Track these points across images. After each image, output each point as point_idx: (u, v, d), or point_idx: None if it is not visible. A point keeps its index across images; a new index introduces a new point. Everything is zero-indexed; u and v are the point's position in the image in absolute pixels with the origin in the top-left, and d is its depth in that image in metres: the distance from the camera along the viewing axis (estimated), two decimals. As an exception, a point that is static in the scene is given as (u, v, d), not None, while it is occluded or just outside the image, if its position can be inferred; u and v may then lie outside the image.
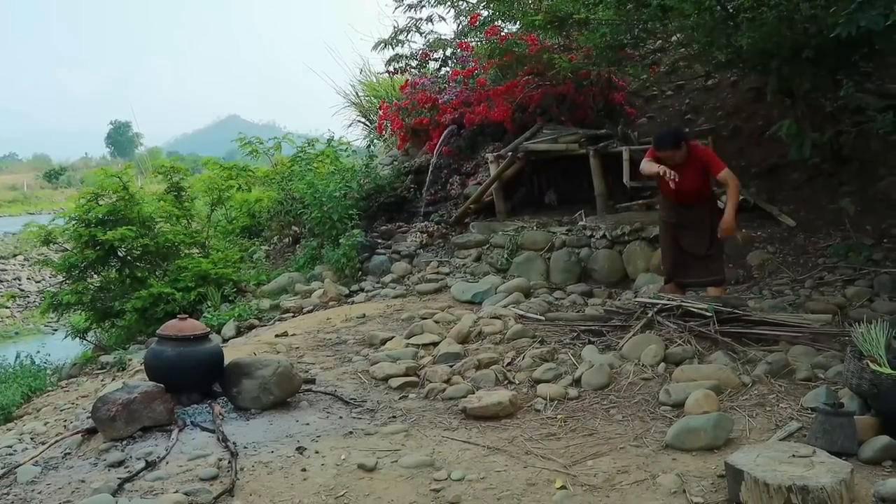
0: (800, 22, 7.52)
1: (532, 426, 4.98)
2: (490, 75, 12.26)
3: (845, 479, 3.53)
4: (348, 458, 4.47)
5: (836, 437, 4.18)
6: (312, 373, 6.34)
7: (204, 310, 9.48)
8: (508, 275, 9.07)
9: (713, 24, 8.12)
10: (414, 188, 12.02)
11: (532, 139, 10.71)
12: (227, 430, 4.90)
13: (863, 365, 4.77)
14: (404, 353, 6.58)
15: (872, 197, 9.37)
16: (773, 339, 6.16)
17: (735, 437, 4.55)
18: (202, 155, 14.58)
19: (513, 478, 4.16)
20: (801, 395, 5.11)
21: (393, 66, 13.61)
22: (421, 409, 5.44)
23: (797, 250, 8.76)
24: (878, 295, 7.43)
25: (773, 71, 8.11)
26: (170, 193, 11.39)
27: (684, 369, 5.57)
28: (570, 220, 9.89)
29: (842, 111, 9.63)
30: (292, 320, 8.50)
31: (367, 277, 9.85)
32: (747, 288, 8.09)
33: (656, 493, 3.88)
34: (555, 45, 11.12)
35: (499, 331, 6.83)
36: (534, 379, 5.77)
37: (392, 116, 13.06)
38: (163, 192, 11.55)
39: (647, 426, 4.87)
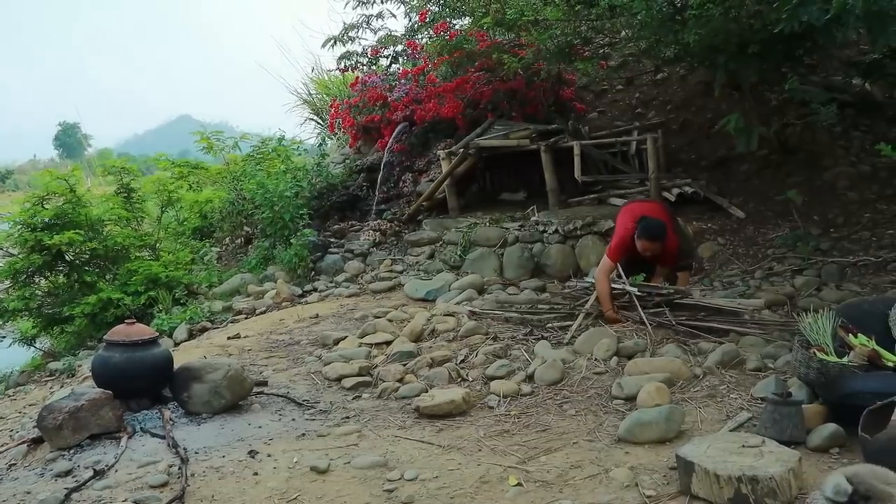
0: (745, 18, 7.60)
1: (485, 423, 4.98)
2: (440, 72, 12.25)
3: (793, 468, 3.57)
4: (301, 461, 4.43)
5: (785, 427, 4.22)
6: (265, 375, 6.28)
7: (155, 313, 9.36)
8: (462, 271, 9.07)
9: (660, 21, 8.17)
10: (366, 186, 11.98)
11: (483, 135, 10.71)
12: (177, 436, 4.84)
13: (810, 354, 4.84)
14: (357, 352, 6.54)
15: (819, 188, 9.52)
16: (719, 331, 6.22)
17: (687, 428, 4.58)
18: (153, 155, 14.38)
19: (466, 476, 4.15)
20: (752, 385, 5.17)
21: (344, 64, 13.54)
22: (374, 409, 5.42)
23: (747, 241, 8.86)
24: (825, 284, 7.56)
25: (719, 65, 8.20)
26: (119, 195, 11.22)
27: (637, 362, 5.62)
28: (523, 215, 9.91)
29: (788, 104, 9.78)
30: (245, 322, 8.43)
31: (320, 277, 9.79)
32: (699, 280, 8.16)
33: (609, 487, 3.89)
34: (505, 42, 11.13)
35: (452, 328, 6.82)
36: (487, 376, 5.78)
37: (343, 114, 13.01)
38: (112, 194, 11.38)
39: (599, 420, 4.89)
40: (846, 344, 4.98)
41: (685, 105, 11.48)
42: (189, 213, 13.04)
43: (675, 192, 9.68)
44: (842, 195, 9.35)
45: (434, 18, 11.67)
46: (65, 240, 9.72)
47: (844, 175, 9.57)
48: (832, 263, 7.88)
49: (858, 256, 8.02)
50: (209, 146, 13.08)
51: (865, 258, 7.96)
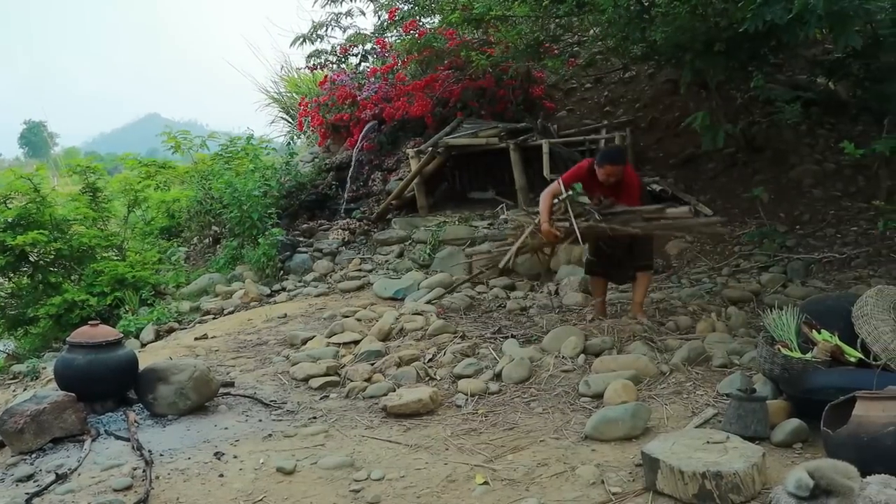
0: (711, 16, 7.66)
1: (453, 422, 4.97)
2: (409, 70, 12.24)
3: (757, 464, 3.60)
4: (267, 462, 4.40)
5: (750, 422, 4.25)
6: (232, 375, 6.24)
7: (121, 314, 9.28)
8: (431, 270, 9.06)
9: (628, 19, 8.21)
10: (335, 185, 11.95)
11: (452, 134, 10.72)
12: (142, 438, 4.79)
13: (774, 350, 4.89)
14: (325, 352, 6.52)
15: (785, 185, 9.61)
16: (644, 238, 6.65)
17: (653, 425, 4.60)
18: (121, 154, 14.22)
19: (433, 475, 4.15)
20: (717, 381, 5.21)
21: (313, 62, 13.48)
22: (342, 409, 5.39)
23: (714, 239, 8.91)
24: (791, 280, 7.63)
25: (686, 64, 8.26)
26: (85, 194, 11.11)
27: (603, 360, 5.64)
28: (492, 213, 9.92)
29: (753, 102, 9.85)
30: (213, 322, 8.37)
31: (288, 276, 9.74)
32: (667, 277, 8.21)
33: (575, 485, 3.90)
34: (474, 40, 11.14)
35: (420, 327, 6.81)
36: (455, 374, 5.77)
37: (312, 113, 12.97)
38: (77, 193, 11.27)
39: (567, 418, 4.90)
40: (810, 340, 5.03)
41: (653, 103, 11.54)
42: (156, 213, 12.94)
43: (643, 190, 9.71)
44: (807, 192, 9.44)
45: (403, 16, 11.65)
46: (28, 240, 9.61)
47: (810, 173, 9.66)
48: (798, 260, 7.96)
49: (823, 253, 8.11)
50: (176, 145, 12.98)
51: (830, 255, 8.04)
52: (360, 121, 12.04)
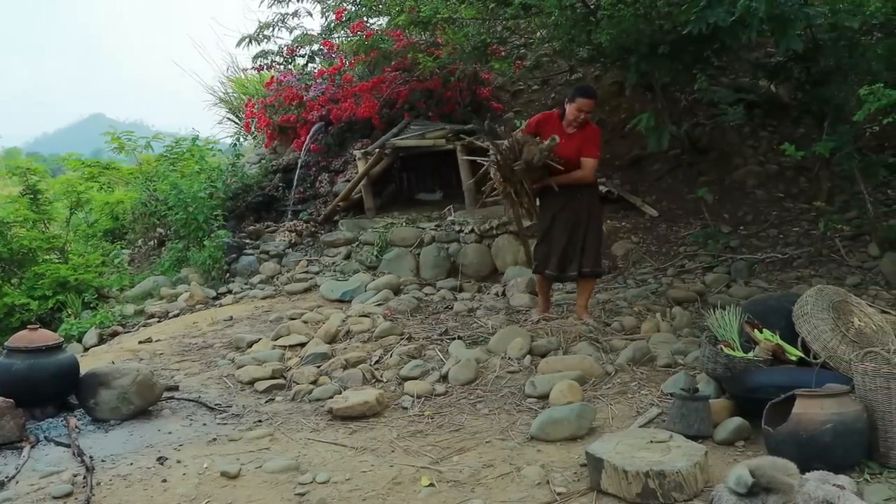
0: (656, 19, 7.73)
1: (399, 424, 4.96)
2: (357, 72, 12.20)
3: (700, 462, 3.63)
4: (211, 466, 4.35)
5: (693, 421, 4.30)
6: (176, 379, 6.16)
7: (64, 318, 9.13)
8: (378, 272, 9.04)
9: (573, 21, 8.27)
10: (282, 187, 11.88)
11: (400, 135, 10.70)
12: (83, 444, 4.70)
13: (717, 350, 4.95)
14: (271, 354, 6.46)
15: (729, 186, 9.73)
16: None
17: (598, 425, 4.63)
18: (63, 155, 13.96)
19: (379, 477, 4.13)
20: (662, 381, 5.26)
21: (259, 63, 13.37)
22: (287, 412, 5.36)
23: (660, 239, 9.01)
24: (735, 281, 7.73)
25: (631, 66, 8.31)
26: (25, 196, 10.91)
27: (549, 361, 5.66)
28: (440, 215, 9.93)
29: (698, 104, 9.96)
30: (157, 325, 8.27)
31: (235, 279, 9.66)
32: (612, 277, 8.27)
33: (521, 486, 3.91)
34: (421, 42, 11.14)
35: (367, 329, 6.79)
36: (401, 376, 5.76)
37: (259, 114, 12.87)
38: (17, 195, 11.06)
39: (513, 419, 4.91)
40: (752, 339, 5.10)
41: (599, 105, 11.55)
42: (100, 215, 12.75)
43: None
44: (751, 194, 9.57)
45: (350, 17, 11.61)
46: (-34, 243, 9.43)
47: (753, 174, 9.80)
48: (741, 260, 8.06)
49: (766, 253, 8.22)
50: (120, 146, 12.79)
51: (773, 255, 8.15)
52: (307, 122, 11.98)
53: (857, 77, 7.81)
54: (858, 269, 7.60)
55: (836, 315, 5.01)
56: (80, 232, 12.13)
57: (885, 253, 7.58)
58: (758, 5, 5.74)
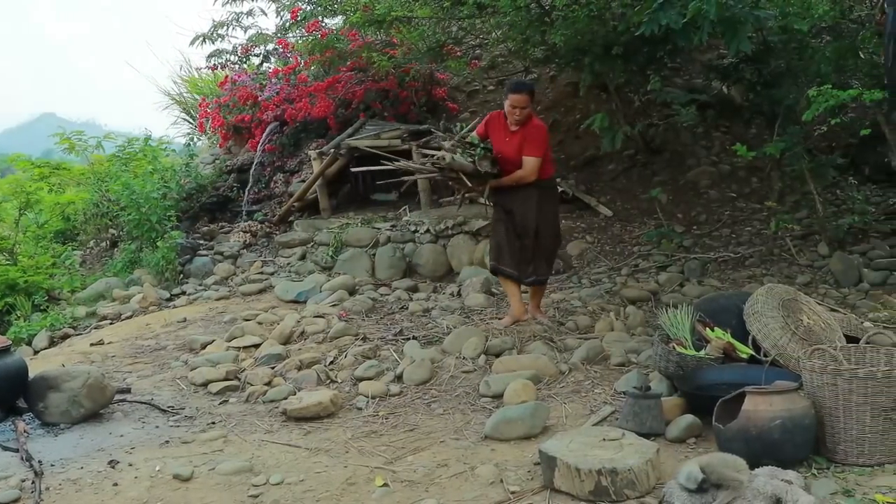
0: (609, 20, 7.79)
1: (354, 424, 4.95)
2: (312, 72, 12.15)
3: (651, 459, 3.67)
4: (163, 469, 4.31)
5: (645, 419, 4.34)
6: (129, 381, 6.10)
7: (13, 320, 8.97)
8: (333, 272, 9.00)
9: (528, 21, 8.31)
10: (237, 187, 11.80)
11: (355, 135, 10.66)
12: (32, 448, 4.63)
13: (669, 348, 5.00)
14: (225, 356, 6.41)
15: (682, 186, 9.82)
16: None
17: (552, 424, 4.66)
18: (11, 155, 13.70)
19: (333, 478, 4.12)
20: (615, 379, 5.30)
21: (213, 62, 13.26)
22: (241, 414, 5.32)
23: (614, 239, 9.07)
24: (688, 280, 7.80)
25: (586, 67, 8.39)
26: (-29, 197, 10.73)
27: (504, 360, 5.68)
28: (395, 215, 9.91)
29: (652, 105, 10.04)
30: (110, 327, 8.16)
31: (188, 280, 9.57)
32: (567, 277, 8.31)
33: (474, 485, 3.92)
34: (377, 42, 11.12)
35: (322, 330, 6.76)
36: (356, 377, 5.74)
37: (213, 114, 12.76)
38: (-37, 197, 10.88)
39: (467, 418, 4.92)
40: (704, 338, 5.16)
41: (555, 105, 11.67)
42: (50, 216, 12.53)
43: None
44: (704, 194, 9.67)
45: (305, 17, 11.55)
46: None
47: (706, 174, 9.90)
48: (694, 260, 8.14)
49: (719, 253, 8.30)
50: (70, 146, 12.60)
51: (725, 254, 8.24)
52: (261, 122, 11.90)
53: (806, 79, 7.94)
54: (809, 268, 7.71)
55: (785, 313, 5.08)
56: (29, 233, 11.90)
57: (834, 252, 7.69)
58: (708, 8, 5.81)
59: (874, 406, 3.75)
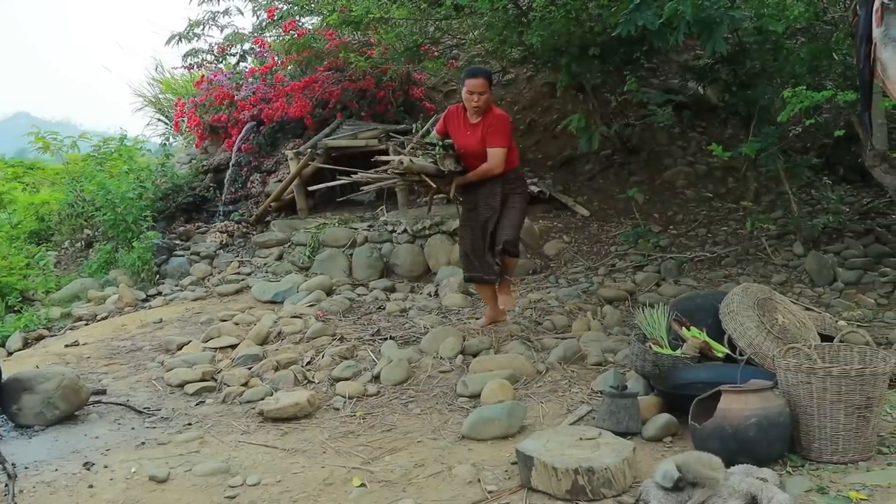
0: (586, 21, 7.83)
1: (331, 425, 4.94)
2: (289, 71, 12.11)
3: (628, 458, 3.68)
4: (139, 471, 4.29)
5: (622, 418, 4.36)
6: (104, 383, 6.06)
7: (-14, 322, 8.89)
8: (311, 273, 8.97)
9: (505, 22, 8.33)
10: (213, 187, 11.74)
11: (332, 135, 10.65)
12: (5, 451, 4.59)
13: (646, 347, 5.02)
14: (201, 357, 6.38)
15: (659, 186, 9.88)
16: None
17: (529, 423, 4.67)
18: (-13, 154, 13.65)
19: (310, 478, 4.11)
20: (592, 379, 5.31)
21: (189, 61, 13.19)
22: (218, 414, 5.30)
23: (591, 239, 9.10)
24: (664, 279, 7.84)
25: (563, 67, 8.42)
26: (-57, 198, 10.63)
27: (481, 360, 5.69)
28: (372, 215, 9.90)
29: (628, 105, 10.09)
30: (85, 328, 8.10)
31: (165, 280, 9.51)
32: (544, 277, 8.32)
33: (452, 484, 3.92)
34: (354, 41, 11.10)
35: (299, 330, 6.74)
36: (333, 377, 5.73)
37: (189, 114, 12.69)
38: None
39: (444, 418, 4.92)
40: (680, 337, 5.18)
41: (532, 106, 11.71)
42: (24, 216, 12.42)
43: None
44: (680, 193, 9.73)
45: (282, 16, 11.51)
46: None
47: (683, 174, 9.96)
48: (670, 259, 8.18)
49: (695, 252, 8.35)
50: (45, 145, 12.50)
51: (702, 254, 8.29)
52: (238, 122, 11.85)
53: (781, 79, 8.01)
54: (784, 268, 7.77)
55: (760, 312, 5.10)
56: (3, 233, 11.80)
57: (809, 251, 7.76)
58: (684, 9, 5.85)
59: (848, 404, 3.78)
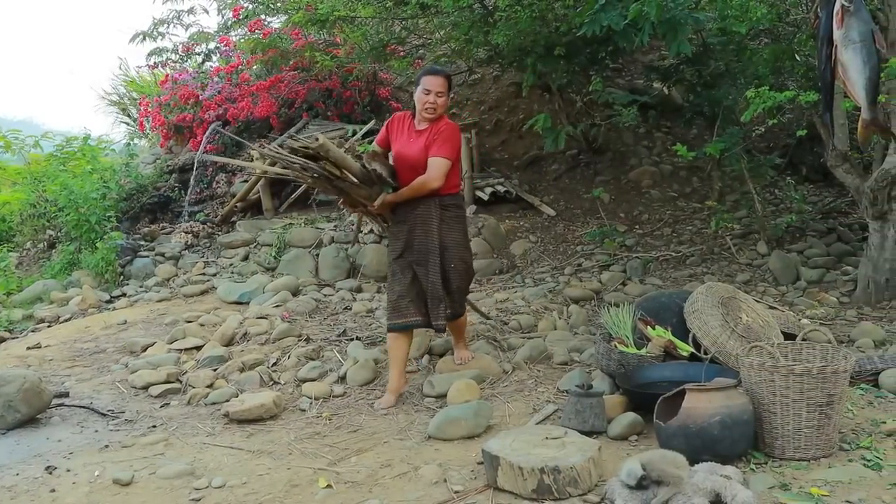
0: (552, 21, 7.85)
1: (297, 426, 4.91)
2: (254, 71, 12.06)
3: (593, 457, 3.69)
4: (103, 474, 4.24)
5: (587, 417, 4.37)
6: (67, 385, 5.98)
7: (-55, 325, 8.76)
8: (277, 273, 8.92)
9: (471, 22, 8.34)
10: (178, 187, 11.65)
11: (298, 135, 10.59)
12: (-34, 454, 4.55)
13: (611, 346, 5.05)
14: (166, 358, 6.32)
15: (625, 186, 9.94)
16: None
17: (495, 423, 4.66)
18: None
19: (276, 480, 4.08)
20: (558, 378, 5.31)
21: (154, 60, 13.10)
22: (183, 416, 5.26)
23: (557, 238, 9.13)
24: (630, 279, 7.88)
25: (528, 67, 8.44)
26: None
27: (447, 360, 5.68)
28: (339, 215, 9.87)
29: (594, 105, 10.13)
30: (47, 330, 8.00)
31: (129, 281, 9.42)
32: (511, 277, 8.34)
33: (418, 485, 3.91)
34: (320, 41, 11.07)
35: (265, 331, 6.70)
36: (299, 378, 5.71)
37: (153, 113, 12.60)
38: None
39: (411, 419, 4.91)
40: (645, 336, 5.21)
41: (498, 105, 11.74)
42: (-16, 217, 12.30)
43: (488, 191, 9.87)
44: (646, 193, 9.79)
45: (248, 15, 11.47)
46: None
47: (648, 174, 10.03)
48: (636, 259, 8.23)
49: (661, 252, 8.41)
50: (7, 145, 12.33)
51: (667, 253, 8.35)
52: (203, 121, 11.78)
53: (745, 80, 8.08)
54: (748, 267, 7.84)
55: (725, 311, 5.15)
56: (-37, 234, 11.69)
57: (772, 250, 7.84)
58: (649, 10, 5.89)
59: (810, 401, 3.82)
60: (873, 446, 3.94)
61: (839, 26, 4.40)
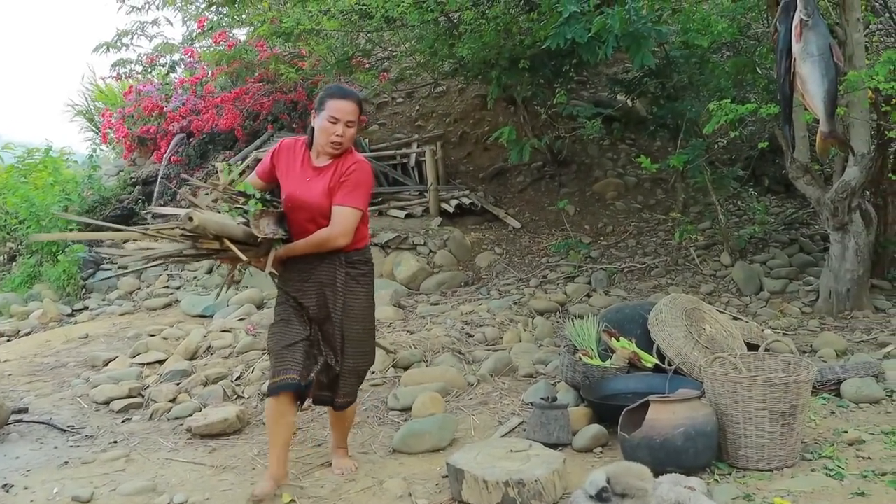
0: (517, 34, 7.88)
1: (261, 440, 4.86)
2: (219, 82, 12.00)
3: (558, 469, 3.70)
4: (62, 491, 4.18)
5: (552, 430, 4.37)
6: (26, 401, 5.88)
7: None
8: (241, 286, 8.85)
9: (436, 34, 8.36)
10: (142, 199, 11.53)
11: (263, 147, 10.56)
12: (-79, 472, 4.46)
13: (575, 358, 5.05)
14: (128, 373, 6.25)
15: (589, 198, 9.98)
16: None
17: (460, 436, 4.66)
18: None
19: (239, 496, 4.04)
20: (523, 390, 5.32)
21: (118, 71, 12.98)
22: (145, 432, 5.19)
23: (523, 251, 9.15)
24: (595, 290, 7.89)
25: (493, 79, 8.46)
26: None
27: (412, 373, 5.66)
28: (304, 228, 9.81)
29: (558, 118, 10.18)
30: (6, 345, 7.88)
31: (91, 295, 9.31)
32: (476, 289, 8.33)
33: (382, 499, 3.89)
34: (285, 53, 11.04)
35: (229, 344, 6.63)
36: (263, 392, 5.62)
37: (117, 124, 12.48)
38: None
39: (375, 432, 4.89)
40: (609, 347, 5.22)
41: (463, 118, 11.76)
42: (-57, 229, 12.10)
43: (453, 203, 9.88)
44: (610, 205, 9.84)
45: (213, 27, 11.41)
46: None
47: (612, 186, 10.08)
48: (601, 270, 8.25)
49: (625, 263, 8.45)
50: (-36, 156, 12.22)
51: (631, 265, 8.39)
52: (167, 133, 11.70)
53: (707, 92, 8.14)
54: (712, 278, 7.90)
55: (688, 322, 5.17)
56: (-80, 247, 11.48)
57: (736, 261, 7.90)
58: (612, 23, 5.93)
59: (773, 412, 3.84)
60: (835, 456, 3.98)
61: (798, 40, 4.45)
